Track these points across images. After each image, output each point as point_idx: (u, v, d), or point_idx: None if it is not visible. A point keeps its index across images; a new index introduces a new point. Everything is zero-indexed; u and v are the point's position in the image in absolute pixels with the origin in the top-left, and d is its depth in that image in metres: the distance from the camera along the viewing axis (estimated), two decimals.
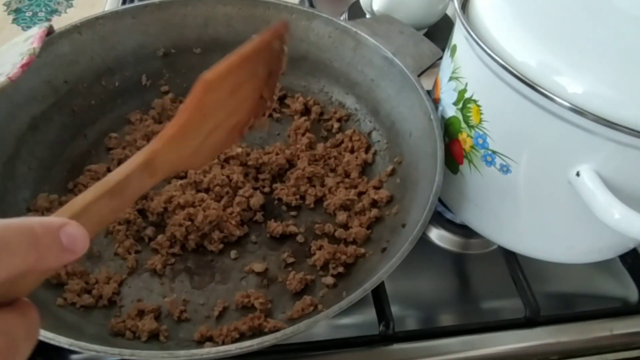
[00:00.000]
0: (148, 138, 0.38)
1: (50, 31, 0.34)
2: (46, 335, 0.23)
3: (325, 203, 0.36)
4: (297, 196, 0.36)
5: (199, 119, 0.21)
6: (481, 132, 0.29)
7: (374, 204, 0.36)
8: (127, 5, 0.39)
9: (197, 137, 0.22)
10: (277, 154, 0.38)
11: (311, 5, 0.54)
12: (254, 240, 0.35)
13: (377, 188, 0.36)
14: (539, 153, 0.27)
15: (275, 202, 0.37)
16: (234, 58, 0.22)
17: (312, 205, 0.36)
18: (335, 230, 0.35)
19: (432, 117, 0.33)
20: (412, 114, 0.35)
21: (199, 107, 0.21)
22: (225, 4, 0.40)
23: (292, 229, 0.35)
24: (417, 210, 0.30)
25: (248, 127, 0.25)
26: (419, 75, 0.36)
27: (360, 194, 0.36)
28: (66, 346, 0.23)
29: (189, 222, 0.33)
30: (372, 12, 0.49)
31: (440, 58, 0.36)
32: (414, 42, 0.39)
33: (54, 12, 0.58)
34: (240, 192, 0.35)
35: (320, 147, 0.39)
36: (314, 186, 0.37)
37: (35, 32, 0.32)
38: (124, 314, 0.30)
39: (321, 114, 0.41)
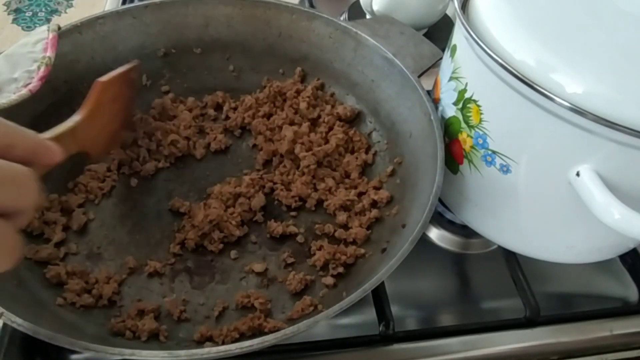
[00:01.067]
0: (149, 137, 0.38)
1: (57, 29, 0.34)
2: (47, 335, 0.23)
3: (325, 203, 0.36)
4: (297, 198, 0.36)
5: (97, 110, 0.30)
6: (481, 132, 0.29)
7: (374, 204, 0.36)
8: (127, 5, 0.39)
9: (96, 125, 0.30)
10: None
11: (311, 5, 0.54)
12: (254, 241, 0.35)
13: (377, 188, 0.36)
14: (539, 153, 0.27)
15: (276, 202, 0.37)
16: (113, 74, 0.32)
17: (312, 208, 0.36)
18: (335, 231, 0.35)
19: (432, 117, 0.33)
20: (412, 114, 0.35)
21: (98, 100, 0.30)
22: (226, 4, 0.40)
23: (292, 229, 0.35)
24: (417, 211, 0.30)
25: (119, 137, 0.36)
26: (419, 76, 0.36)
27: (360, 194, 0.36)
28: (67, 346, 0.23)
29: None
30: (372, 12, 0.49)
31: (441, 59, 0.36)
32: (414, 43, 0.39)
33: (54, 12, 0.58)
34: (242, 192, 0.35)
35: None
36: (317, 190, 0.37)
37: (45, 36, 0.33)
38: (123, 313, 0.30)
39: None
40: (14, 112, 0.33)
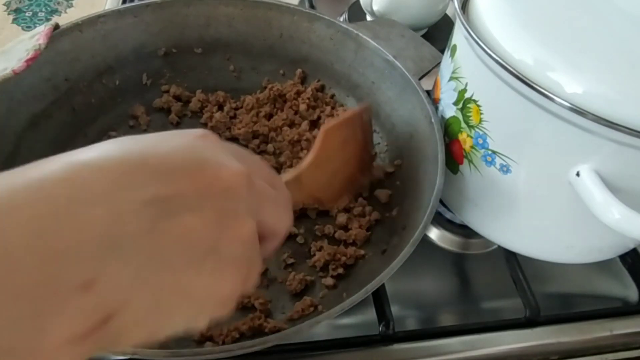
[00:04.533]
0: None
1: (55, 28, 0.34)
2: None
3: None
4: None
5: (324, 157, 0.29)
6: (481, 132, 0.29)
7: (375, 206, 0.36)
8: (128, 4, 0.39)
9: (325, 171, 0.29)
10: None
11: (311, 5, 0.54)
12: None
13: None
14: (539, 153, 0.27)
15: None
16: (341, 118, 0.31)
17: (313, 216, 0.36)
18: (335, 232, 0.35)
19: (432, 120, 0.33)
20: (412, 116, 0.35)
21: (323, 147, 0.28)
22: (227, 4, 0.40)
23: (292, 229, 0.35)
24: (417, 213, 0.30)
25: (360, 183, 0.34)
26: (419, 79, 0.36)
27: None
28: None
29: None
30: (372, 12, 0.49)
31: (440, 62, 0.36)
32: (415, 45, 0.39)
33: (54, 12, 0.58)
34: None
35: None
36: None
37: (41, 30, 0.32)
38: None
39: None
40: (14, 110, 0.34)
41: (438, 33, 0.50)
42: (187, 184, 0.15)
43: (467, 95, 0.30)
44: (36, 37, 0.31)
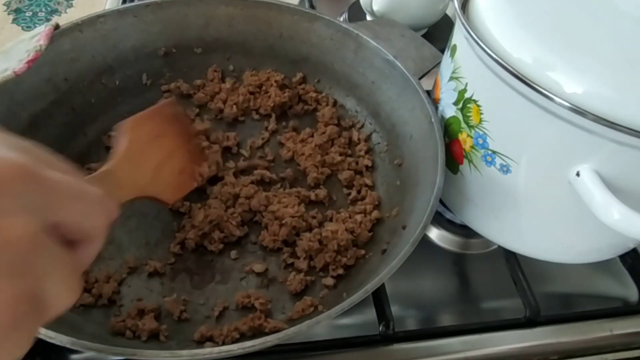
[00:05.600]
0: None
1: (55, 28, 0.34)
2: (47, 335, 0.23)
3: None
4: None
5: (136, 151, 0.28)
6: (481, 132, 0.29)
7: (375, 206, 0.36)
8: (128, 4, 0.39)
9: (144, 166, 0.29)
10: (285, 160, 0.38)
11: (311, 5, 0.54)
12: (254, 241, 0.35)
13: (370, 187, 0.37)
14: (539, 153, 0.27)
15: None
16: (140, 115, 0.30)
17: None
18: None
19: (432, 120, 0.33)
20: (412, 116, 0.35)
21: (131, 140, 0.28)
22: (227, 4, 0.40)
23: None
24: (417, 213, 0.30)
25: (197, 173, 0.34)
26: (419, 79, 0.36)
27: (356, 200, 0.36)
28: (68, 345, 0.23)
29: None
30: (372, 12, 0.49)
31: (441, 61, 0.36)
32: (415, 45, 0.39)
33: (54, 12, 0.58)
34: (242, 193, 0.35)
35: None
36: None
37: (42, 30, 0.32)
38: (123, 313, 0.30)
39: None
40: (14, 110, 0.34)
41: (438, 33, 0.50)
42: None
43: (467, 95, 0.30)
44: (37, 38, 0.31)
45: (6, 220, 0.13)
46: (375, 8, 0.48)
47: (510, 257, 0.35)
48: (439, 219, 0.39)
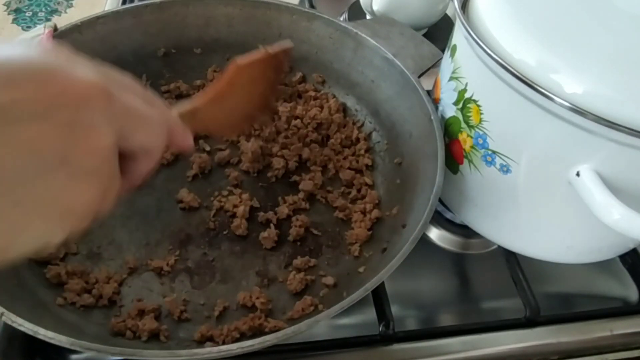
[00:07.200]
0: None
1: (54, 30, 0.34)
2: (47, 335, 0.23)
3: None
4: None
5: (228, 92, 0.28)
6: (481, 132, 0.29)
7: (375, 205, 0.36)
8: (127, 5, 0.39)
9: (225, 107, 0.28)
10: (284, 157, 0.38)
11: (311, 5, 0.54)
12: (255, 241, 0.35)
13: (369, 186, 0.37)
14: (538, 153, 0.27)
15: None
16: (256, 57, 0.29)
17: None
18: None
19: (432, 118, 0.33)
20: (412, 115, 0.35)
21: (230, 82, 0.27)
22: (226, 4, 0.40)
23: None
24: (417, 211, 0.30)
25: (255, 119, 0.33)
26: (419, 77, 0.36)
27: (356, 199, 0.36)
28: (68, 346, 0.23)
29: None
30: (372, 12, 0.49)
31: (440, 60, 0.36)
32: (414, 43, 0.39)
33: (54, 12, 0.58)
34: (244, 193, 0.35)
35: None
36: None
37: (41, 31, 0.32)
38: (124, 313, 0.30)
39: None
40: None
41: (438, 33, 0.50)
42: (31, 91, 0.14)
43: (467, 95, 0.30)
44: (37, 40, 0.32)
45: (96, 133, 0.15)
46: (375, 8, 0.48)
47: (510, 257, 0.35)
48: (438, 219, 0.39)
